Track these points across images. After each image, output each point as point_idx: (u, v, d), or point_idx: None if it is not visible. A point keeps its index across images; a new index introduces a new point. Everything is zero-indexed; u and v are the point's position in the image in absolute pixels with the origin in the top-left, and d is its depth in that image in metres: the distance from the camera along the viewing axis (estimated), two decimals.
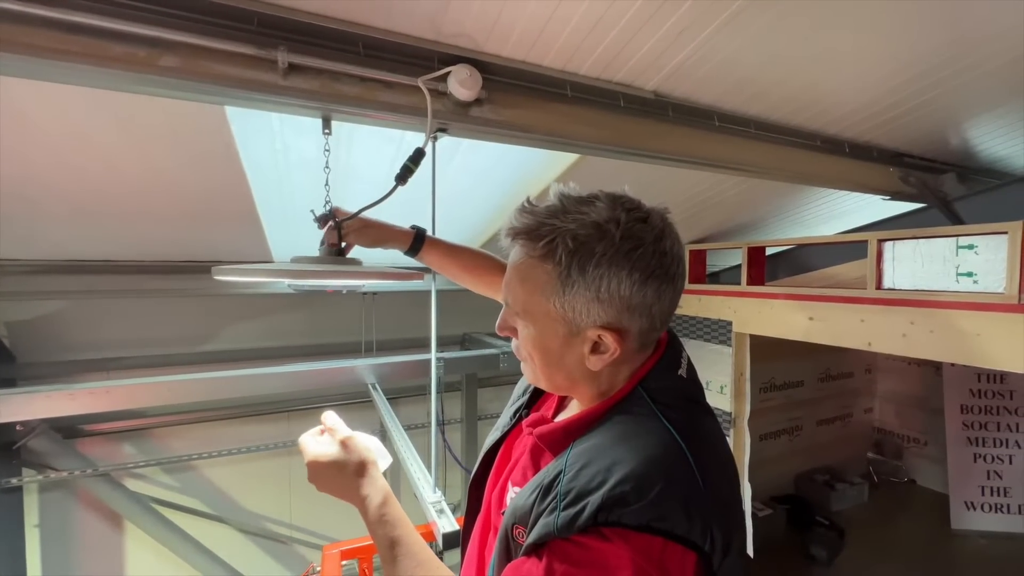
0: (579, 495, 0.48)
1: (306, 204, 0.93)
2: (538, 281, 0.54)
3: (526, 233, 0.54)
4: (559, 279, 0.52)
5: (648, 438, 0.51)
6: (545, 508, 0.50)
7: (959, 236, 1.47)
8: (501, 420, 0.75)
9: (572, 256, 0.51)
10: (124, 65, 0.77)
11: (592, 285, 0.51)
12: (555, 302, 0.53)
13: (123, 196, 1.39)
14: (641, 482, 0.47)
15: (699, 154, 1.28)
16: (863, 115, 1.39)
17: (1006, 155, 1.78)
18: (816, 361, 3.44)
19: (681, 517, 0.47)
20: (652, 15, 0.92)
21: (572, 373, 0.57)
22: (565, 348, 0.55)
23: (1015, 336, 1.30)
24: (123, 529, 2.31)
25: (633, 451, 0.50)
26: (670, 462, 0.49)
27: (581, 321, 0.53)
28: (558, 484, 0.51)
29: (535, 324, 0.56)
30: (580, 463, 0.51)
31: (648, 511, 0.46)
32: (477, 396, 2.85)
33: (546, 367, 0.58)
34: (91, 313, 2.04)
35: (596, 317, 0.53)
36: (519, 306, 0.57)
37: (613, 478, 0.47)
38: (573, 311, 0.53)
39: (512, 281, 0.57)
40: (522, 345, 0.60)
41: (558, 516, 0.48)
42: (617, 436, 0.52)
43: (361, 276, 0.81)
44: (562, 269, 0.52)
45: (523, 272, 0.55)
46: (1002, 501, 2.96)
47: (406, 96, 0.96)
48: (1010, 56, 1.12)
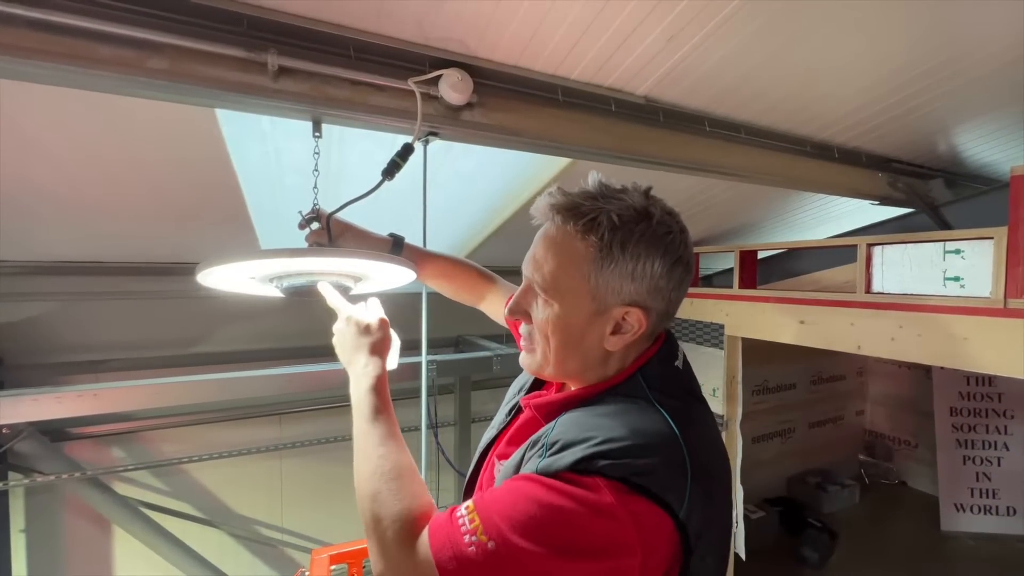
0: (564, 445, 0.50)
1: (298, 207, 0.93)
2: (575, 255, 0.55)
3: (568, 209, 0.55)
4: (599, 254, 0.54)
5: (640, 416, 0.53)
6: (532, 456, 0.52)
7: (946, 241, 1.48)
8: (496, 419, 0.75)
9: (615, 232, 0.53)
10: (112, 67, 0.76)
11: (630, 263, 0.54)
12: (591, 277, 0.55)
13: (112, 198, 1.38)
14: (625, 444, 0.48)
15: (690, 159, 1.29)
16: (851, 121, 1.41)
17: (992, 161, 1.81)
18: (808, 364, 3.46)
19: (659, 478, 0.48)
20: (641, 21, 0.93)
21: (588, 355, 0.58)
22: (588, 327, 0.56)
23: (1001, 340, 1.31)
24: (111, 533, 2.28)
25: (622, 424, 0.51)
26: (658, 437, 0.51)
27: (610, 299, 0.55)
28: (545, 436, 0.53)
29: (561, 300, 0.56)
30: (569, 423, 0.53)
31: (628, 466, 0.47)
32: (471, 399, 2.84)
33: (563, 349, 0.58)
34: (79, 315, 2.02)
35: (627, 295, 0.55)
36: (547, 280, 0.57)
37: (599, 437, 0.49)
38: (606, 288, 0.55)
39: (543, 255, 0.57)
40: (538, 327, 0.59)
41: (542, 459, 0.50)
42: (609, 411, 0.54)
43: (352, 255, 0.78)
44: (603, 244, 0.53)
45: (559, 245, 0.56)
46: (991, 503, 2.99)
47: (397, 99, 0.96)
48: (996, 63, 1.14)
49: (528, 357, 0.63)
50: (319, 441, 2.64)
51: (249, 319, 2.30)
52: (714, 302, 2.23)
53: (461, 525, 0.47)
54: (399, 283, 0.93)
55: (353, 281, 0.87)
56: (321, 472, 2.65)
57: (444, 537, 0.47)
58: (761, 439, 3.27)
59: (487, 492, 0.52)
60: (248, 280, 0.83)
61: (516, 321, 0.97)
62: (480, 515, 0.47)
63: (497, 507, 0.48)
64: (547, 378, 0.65)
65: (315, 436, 2.61)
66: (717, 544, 0.52)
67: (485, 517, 0.47)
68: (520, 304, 0.61)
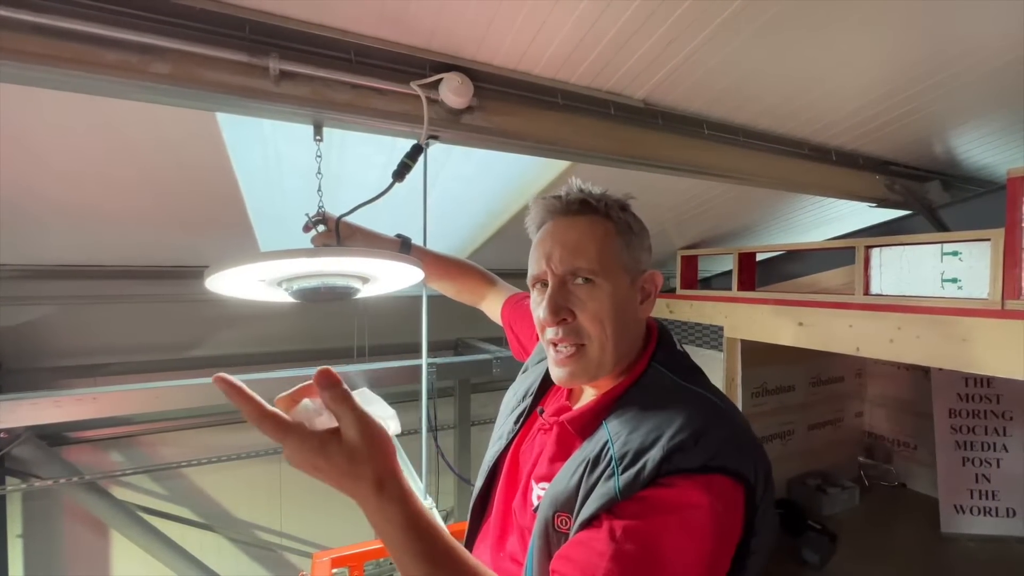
0: (637, 454, 0.50)
1: (298, 211, 0.93)
2: (608, 234, 0.61)
3: (583, 201, 0.62)
4: (623, 232, 0.62)
5: (681, 398, 0.55)
6: (598, 479, 0.51)
7: (944, 243, 1.50)
8: (502, 429, 0.74)
9: (624, 212, 0.64)
10: (116, 72, 0.77)
11: (640, 235, 0.64)
12: (623, 252, 0.62)
13: (112, 201, 1.38)
14: (694, 430, 0.50)
15: (689, 161, 1.30)
16: (849, 124, 1.42)
17: (989, 163, 1.82)
18: (807, 366, 3.47)
19: (732, 453, 0.50)
20: (641, 25, 0.93)
21: (632, 332, 0.63)
22: (629, 300, 0.62)
23: (999, 341, 1.32)
24: (109, 538, 2.26)
25: (675, 410, 0.53)
26: (709, 412, 0.53)
27: (636, 268, 0.63)
28: (608, 451, 0.52)
29: (608, 277, 0.60)
30: (627, 429, 0.54)
31: (704, 452, 0.49)
32: (470, 401, 2.84)
33: (618, 329, 0.60)
34: (79, 319, 2.01)
35: (644, 262, 0.64)
36: (594, 262, 0.59)
37: (668, 432, 0.50)
38: (633, 259, 0.63)
39: (580, 241, 0.60)
40: (591, 317, 0.58)
41: (618, 479, 0.49)
42: (651, 403, 0.56)
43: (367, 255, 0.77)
44: (621, 225, 0.62)
45: (591, 228, 0.61)
46: (991, 504, 2.99)
47: (398, 103, 0.96)
48: (993, 66, 1.15)
49: (569, 365, 0.60)
50: None
51: (249, 322, 2.30)
52: (713, 304, 2.24)
53: None
54: (407, 283, 0.94)
55: (361, 282, 0.88)
56: None
57: None
58: (762, 441, 3.26)
59: (580, 559, 0.47)
60: (257, 284, 0.83)
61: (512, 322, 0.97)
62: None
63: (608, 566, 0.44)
64: (591, 378, 0.61)
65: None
66: (770, 497, 0.54)
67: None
68: (560, 302, 0.59)
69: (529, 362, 0.84)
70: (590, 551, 0.47)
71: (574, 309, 0.59)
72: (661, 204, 1.93)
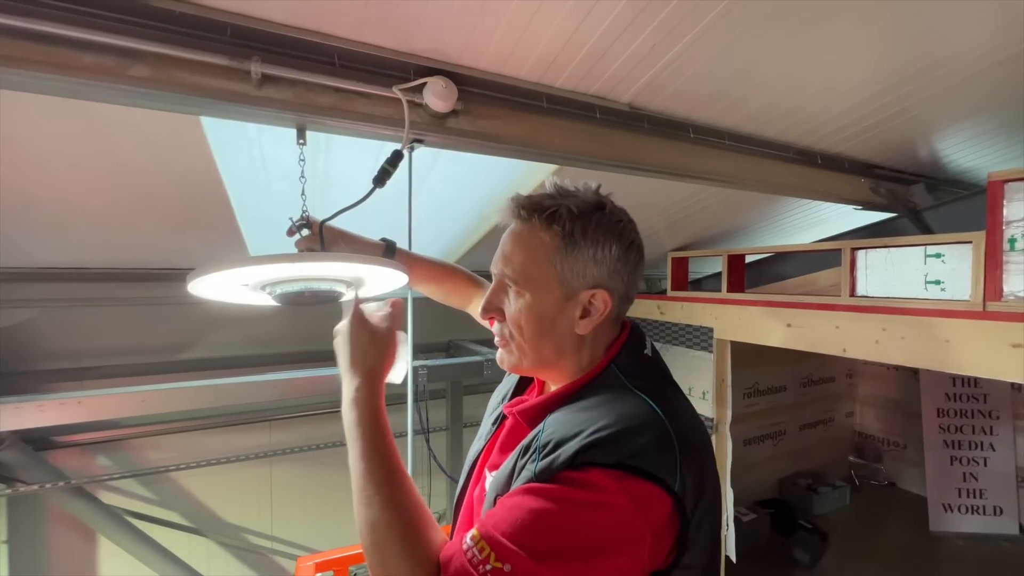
0: (557, 444, 0.52)
1: (286, 213, 0.93)
2: (541, 246, 0.60)
3: (530, 207, 0.61)
4: (563, 242, 0.59)
5: (622, 402, 0.55)
6: (525, 463, 0.53)
7: (927, 245, 1.51)
8: (482, 430, 0.76)
9: (575, 222, 0.59)
10: (93, 75, 0.76)
11: (591, 248, 0.59)
12: (557, 264, 0.59)
13: (97, 204, 1.37)
14: (615, 429, 0.51)
15: (675, 165, 1.31)
16: (833, 127, 1.43)
17: (973, 166, 1.84)
18: (798, 366, 3.50)
19: (651, 456, 0.50)
20: (624, 30, 0.94)
21: (561, 342, 0.61)
22: (558, 313, 0.60)
23: (980, 342, 1.34)
24: (96, 543, 2.24)
25: (608, 411, 0.53)
26: (641, 416, 0.53)
27: (577, 283, 0.60)
28: (536, 439, 0.54)
29: (532, 290, 0.60)
30: (558, 422, 0.55)
31: (621, 450, 0.49)
32: (462, 403, 2.84)
33: (536, 337, 0.61)
34: (65, 322, 1.99)
35: (591, 278, 0.60)
36: (517, 272, 0.60)
37: (590, 428, 0.51)
38: (572, 273, 0.59)
39: (511, 250, 0.61)
40: (511, 321, 0.62)
41: (537, 464, 0.51)
42: (592, 403, 0.56)
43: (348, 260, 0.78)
44: (566, 233, 0.59)
45: (525, 239, 0.61)
46: (978, 503, 3.02)
47: (381, 106, 0.96)
48: (975, 70, 1.17)
49: (504, 353, 0.65)
50: (309, 447, 2.62)
51: (237, 325, 2.28)
52: (703, 306, 2.25)
53: (471, 558, 0.47)
54: (391, 287, 0.93)
55: (346, 286, 0.88)
56: (312, 478, 2.63)
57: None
58: (752, 441, 3.29)
59: (488, 515, 0.51)
60: (240, 288, 0.83)
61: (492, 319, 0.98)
62: (489, 542, 0.47)
63: (504, 528, 0.48)
64: (524, 372, 0.67)
65: (305, 442, 2.60)
66: (710, 512, 0.53)
67: (495, 543, 0.47)
68: (492, 301, 0.63)
69: None
70: (500, 507, 0.51)
71: (504, 310, 0.63)
72: (651, 206, 1.94)
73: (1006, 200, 1.29)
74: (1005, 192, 1.29)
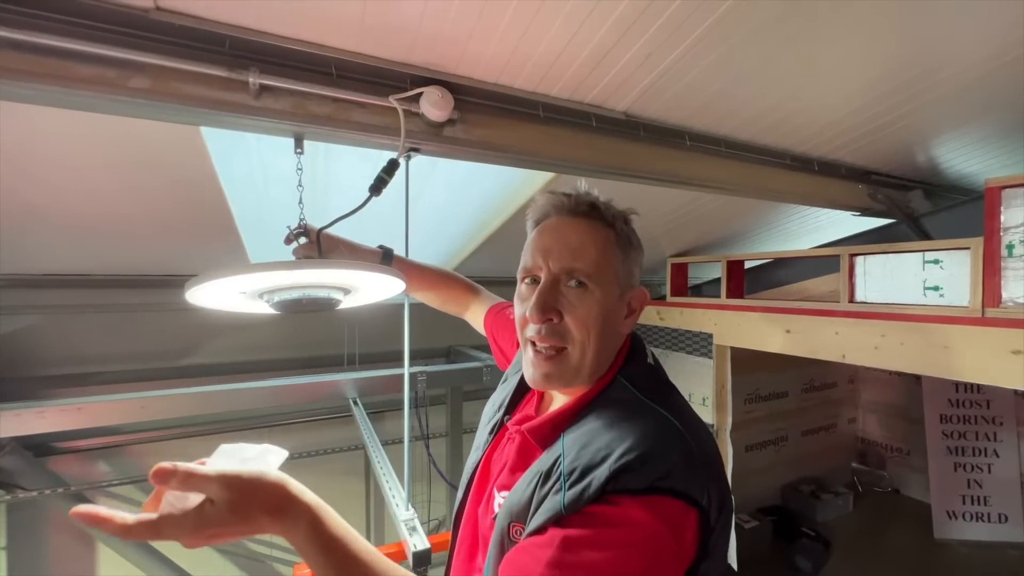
0: (584, 471, 0.50)
1: (285, 220, 0.93)
2: (608, 242, 0.61)
3: (592, 206, 0.63)
4: (622, 243, 0.63)
5: (639, 417, 0.54)
6: (548, 491, 0.51)
7: (925, 251, 1.51)
8: (478, 440, 0.75)
9: (626, 224, 0.64)
10: (93, 87, 0.77)
11: (636, 251, 0.65)
12: (620, 263, 0.62)
13: (98, 211, 1.38)
14: (643, 450, 0.49)
15: (671, 172, 1.31)
16: (830, 134, 1.43)
17: (971, 172, 1.84)
18: (800, 372, 3.48)
19: (681, 475, 0.49)
20: (619, 39, 0.95)
21: (613, 343, 0.62)
22: (616, 310, 0.61)
23: (980, 348, 1.33)
24: (95, 550, 2.24)
25: (629, 429, 0.52)
26: (664, 432, 0.52)
27: (627, 283, 0.63)
28: (559, 466, 0.52)
29: (602, 285, 0.60)
30: (578, 445, 0.53)
31: (652, 473, 0.48)
32: (462, 409, 2.83)
33: (602, 334, 0.59)
34: (66, 328, 2.01)
35: (635, 278, 0.64)
36: (592, 266, 0.59)
37: (617, 451, 0.50)
38: (627, 273, 0.63)
39: (580, 243, 0.60)
40: (578, 320, 0.58)
41: (564, 494, 0.50)
42: (609, 420, 0.55)
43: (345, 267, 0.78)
44: (622, 236, 0.63)
45: (594, 233, 0.61)
46: (983, 510, 2.99)
47: (378, 116, 0.97)
48: (972, 76, 1.17)
49: (548, 366, 0.59)
50: (309, 453, 2.62)
51: (237, 331, 2.29)
52: (703, 312, 2.25)
53: None
54: (388, 294, 0.94)
55: (343, 293, 0.88)
56: (310, 484, 2.59)
57: None
58: (754, 447, 3.27)
59: (519, 567, 0.48)
60: (238, 296, 0.83)
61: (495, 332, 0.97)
62: None
63: (544, 571, 0.45)
64: (568, 383, 0.61)
65: (305, 448, 2.60)
66: (728, 521, 0.53)
67: None
68: (550, 301, 0.58)
69: (509, 371, 0.84)
70: (530, 556, 0.48)
71: (562, 311, 0.58)
72: (651, 212, 1.95)
73: (1003, 206, 1.29)
74: (1002, 198, 1.29)
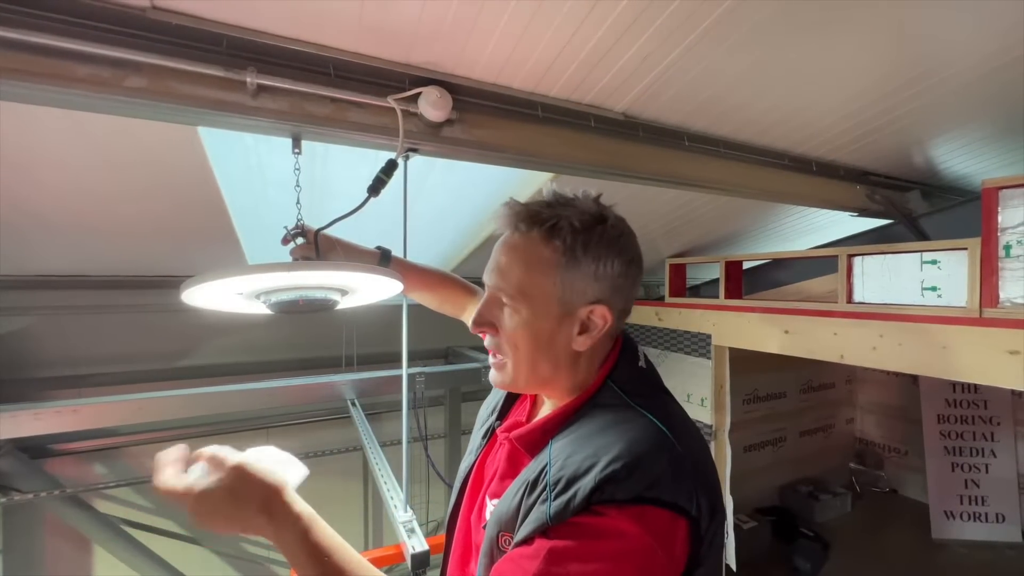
0: (570, 481, 0.49)
1: (283, 220, 0.93)
2: (540, 260, 0.56)
3: (529, 218, 0.57)
4: (564, 257, 0.56)
5: (627, 424, 0.53)
6: (535, 501, 0.51)
7: (923, 252, 1.52)
8: (472, 444, 0.75)
9: (576, 236, 0.56)
10: (89, 86, 0.77)
11: (592, 264, 0.56)
12: (556, 280, 0.56)
13: (95, 212, 1.37)
14: (630, 460, 0.48)
15: (670, 173, 1.31)
16: (828, 135, 1.44)
17: (968, 173, 1.85)
18: (798, 372, 3.49)
19: (668, 485, 0.48)
20: (617, 40, 0.95)
21: (558, 358, 0.58)
22: (556, 329, 0.57)
23: (977, 348, 1.34)
24: (92, 553, 2.23)
25: (616, 436, 0.51)
26: (652, 440, 0.51)
27: (576, 299, 0.57)
28: (545, 476, 0.52)
29: (529, 305, 0.57)
30: (565, 454, 0.52)
31: (638, 483, 0.47)
32: (460, 410, 2.83)
33: (533, 352, 0.58)
34: (62, 329, 2.00)
35: (591, 295, 0.57)
36: (514, 287, 0.57)
37: (602, 461, 0.49)
38: (572, 289, 0.56)
39: (507, 263, 0.58)
40: (507, 336, 0.59)
41: (550, 505, 0.49)
42: (597, 427, 0.54)
43: (343, 268, 0.77)
44: (567, 248, 0.56)
45: (524, 252, 0.57)
46: (980, 510, 3.00)
47: (377, 116, 0.97)
48: (970, 77, 1.17)
49: (497, 373, 0.62)
50: (307, 455, 2.61)
51: (235, 332, 2.28)
52: (701, 312, 2.25)
53: None
54: (386, 295, 0.94)
55: (340, 294, 0.88)
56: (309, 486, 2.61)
57: None
58: (752, 448, 3.28)
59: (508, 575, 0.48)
60: (235, 297, 0.83)
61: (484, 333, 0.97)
62: None
63: None
64: (519, 390, 0.64)
65: (303, 449, 2.59)
66: (719, 529, 0.52)
67: None
68: (484, 315, 0.61)
69: None
70: (517, 567, 0.48)
71: (497, 326, 0.60)
72: (648, 213, 1.95)
73: (1000, 207, 1.29)
74: (1000, 199, 1.30)
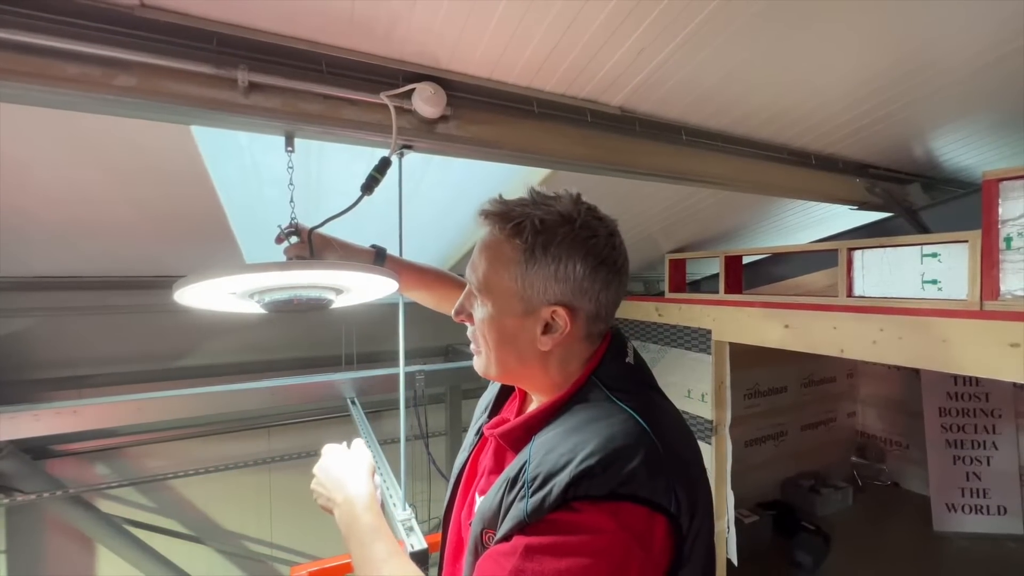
0: (546, 478, 0.50)
1: (279, 218, 0.92)
2: (503, 256, 0.58)
3: (497, 215, 0.59)
4: (523, 255, 0.57)
5: (607, 419, 0.53)
6: (514, 498, 0.51)
7: (923, 245, 1.51)
8: (466, 440, 0.75)
9: (537, 236, 0.56)
10: (79, 86, 0.76)
11: (552, 264, 0.56)
12: (517, 277, 0.58)
13: (89, 212, 1.37)
14: (605, 455, 0.48)
15: (668, 168, 1.30)
16: (827, 128, 1.42)
17: (969, 165, 1.84)
18: (799, 367, 3.49)
19: (644, 481, 0.48)
20: (612, 33, 0.94)
21: (523, 354, 0.60)
22: (519, 326, 0.59)
23: (979, 341, 1.33)
24: (94, 553, 2.24)
25: (594, 432, 0.51)
26: (630, 436, 0.51)
27: (537, 298, 0.58)
28: (524, 473, 0.52)
29: (493, 300, 0.59)
30: (544, 450, 0.53)
31: (613, 479, 0.48)
32: (461, 407, 2.83)
33: (499, 346, 0.60)
34: (62, 330, 2.00)
35: (552, 295, 0.57)
36: (481, 282, 0.60)
37: (578, 456, 0.49)
38: (532, 287, 0.57)
39: (477, 257, 0.61)
40: (478, 327, 0.63)
41: (527, 502, 0.49)
42: (577, 423, 0.54)
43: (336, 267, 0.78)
44: (527, 247, 0.57)
45: (490, 247, 0.60)
46: (982, 502, 3.01)
47: (370, 113, 0.96)
48: (968, 69, 1.16)
49: (476, 359, 0.66)
50: (309, 454, 2.61)
51: (234, 332, 2.28)
52: (701, 307, 2.24)
53: None
54: (381, 294, 0.93)
55: (335, 293, 0.87)
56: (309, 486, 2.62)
57: None
58: (754, 443, 3.28)
59: (488, 573, 0.50)
60: (228, 296, 0.83)
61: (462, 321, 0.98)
62: None
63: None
64: (496, 378, 0.67)
65: (305, 448, 2.59)
66: (704, 525, 0.52)
67: None
68: (463, 306, 0.64)
69: None
70: (496, 564, 0.49)
71: (472, 314, 0.64)
72: (647, 208, 1.94)
73: (1001, 199, 1.28)
74: (1000, 190, 1.29)
